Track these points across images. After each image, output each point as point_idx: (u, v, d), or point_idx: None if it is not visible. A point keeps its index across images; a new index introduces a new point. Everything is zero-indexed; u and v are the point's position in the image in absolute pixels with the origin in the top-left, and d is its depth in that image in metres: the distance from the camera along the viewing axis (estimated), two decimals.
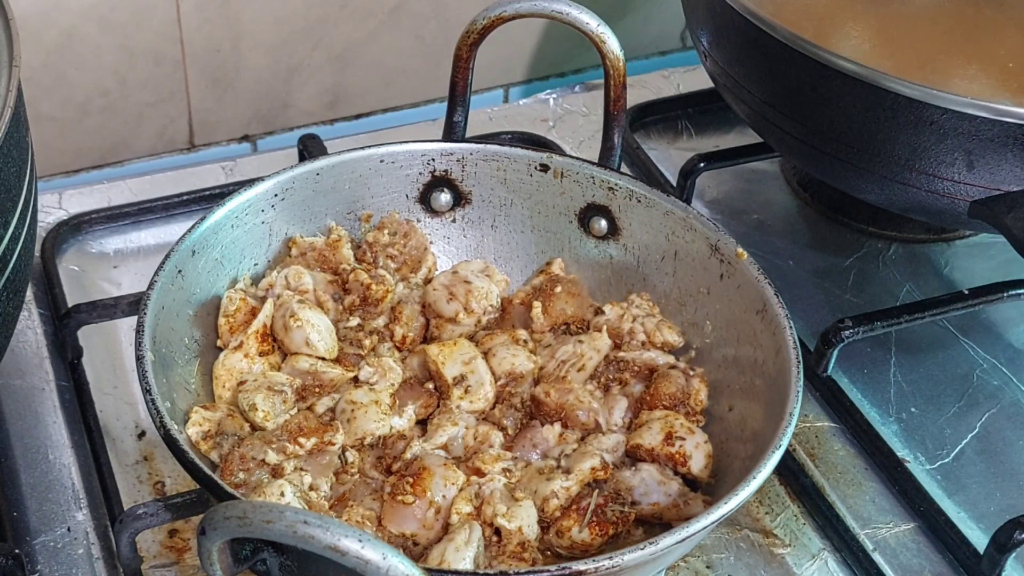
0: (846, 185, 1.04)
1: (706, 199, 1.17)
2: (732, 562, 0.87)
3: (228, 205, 0.88)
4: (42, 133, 1.16)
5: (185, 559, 0.84)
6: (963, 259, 1.12)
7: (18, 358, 0.97)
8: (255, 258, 0.91)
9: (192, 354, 0.85)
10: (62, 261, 1.05)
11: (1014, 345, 1.05)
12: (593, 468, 0.81)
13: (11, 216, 0.77)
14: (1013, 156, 0.91)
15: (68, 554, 0.84)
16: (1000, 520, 0.85)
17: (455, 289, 0.92)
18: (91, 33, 1.14)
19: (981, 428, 0.98)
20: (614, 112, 0.95)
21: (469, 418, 0.85)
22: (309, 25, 1.22)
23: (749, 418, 0.83)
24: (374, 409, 0.83)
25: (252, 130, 1.26)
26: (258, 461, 0.79)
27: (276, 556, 0.66)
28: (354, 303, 0.91)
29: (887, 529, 0.90)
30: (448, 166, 0.96)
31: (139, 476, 0.90)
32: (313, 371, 0.86)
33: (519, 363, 0.88)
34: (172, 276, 0.84)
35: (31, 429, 0.92)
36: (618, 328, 0.91)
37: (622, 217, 0.94)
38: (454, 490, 0.79)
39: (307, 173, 0.92)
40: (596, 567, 0.68)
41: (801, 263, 1.11)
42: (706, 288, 0.90)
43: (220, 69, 1.21)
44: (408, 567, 0.60)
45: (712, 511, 0.71)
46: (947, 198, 0.95)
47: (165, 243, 0.99)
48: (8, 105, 0.75)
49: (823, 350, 0.97)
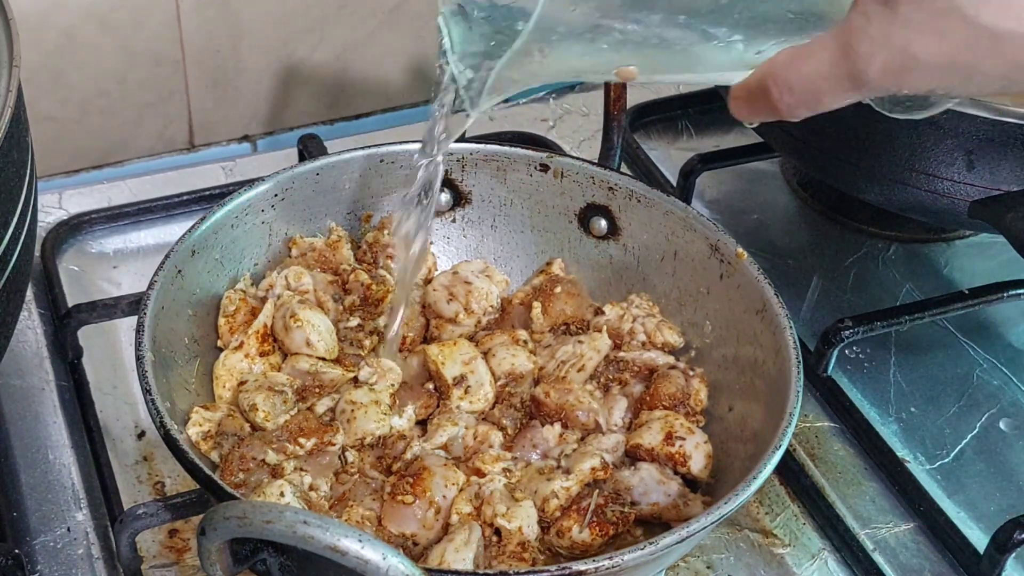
0: (846, 185, 1.04)
1: (706, 199, 1.17)
2: (732, 562, 0.87)
3: (228, 205, 0.88)
4: (42, 133, 1.16)
5: (185, 559, 0.84)
6: (963, 259, 1.12)
7: (18, 358, 0.97)
8: (255, 258, 0.91)
9: (192, 354, 0.85)
10: (62, 261, 1.05)
11: (1014, 345, 1.05)
12: (593, 468, 0.81)
13: (11, 216, 0.77)
14: (1013, 156, 0.91)
15: (68, 554, 0.84)
16: (1000, 520, 0.85)
17: (455, 289, 0.92)
18: (91, 33, 1.14)
19: (981, 428, 0.98)
20: (614, 112, 0.95)
21: (469, 418, 0.85)
22: (309, 25, 1.22)
23: (749, 418, 0.83)
24: (374, 409, 0.83)
25: (252, 130, 1.26)
26: (258, 461, 0.79)
27: (276, 556, 0.66)
28: (354, 303, 0.91)
29: (887, 529, 0.90)
30: (448, 166, 0.96)
31: (139, 476, 0.90)
32: (313, 371, 0.86)
33: (519, 363, 0.88)
34: (172, 276, 0.84)
35: (31, 429, 0.92)
36: (618, 328, 0.91)
37: (622, 217, 0.94)
38: (454, 490, 0.79)
39: (307, 173, 0.92)
40: (596, 567, 0.67)
41: (801, 263, 1.11)
42: (706, 288, 0.90)
43: (220, 69, 1.21)
44: (408, 567, 0.60)
45: (712, 511, 0.71)
46: (947, 198, 0.95)
47: (165, 243, 0.99)
48: (8, 105, 0.75)
49: (823, 350, 0.97)
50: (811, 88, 0.64)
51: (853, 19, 0.62)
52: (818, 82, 0.64)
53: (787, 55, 0.65)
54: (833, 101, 0.64)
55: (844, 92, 0.64)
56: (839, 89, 0.63)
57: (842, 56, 0.62)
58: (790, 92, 0.65)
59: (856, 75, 0.62)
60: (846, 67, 0.62)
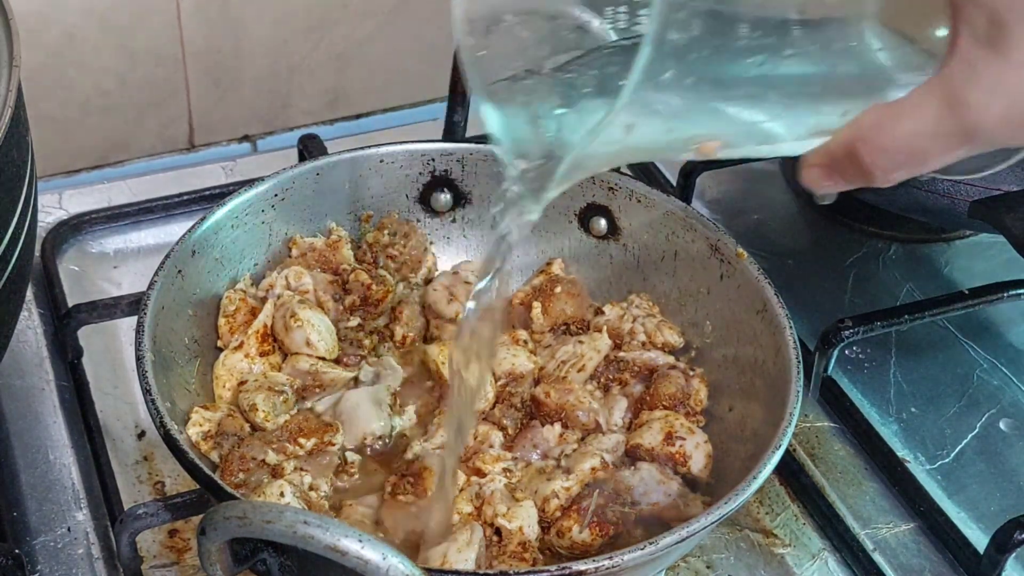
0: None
1: (706, 199, 1.17)
2: (732, 562, 0.87)
3: (228, 205, 0.89)
4: (42, 133, 1.16)
5: (185, 559, 0.84)
6: (963, 259, 1.12)
7: (18, 358, 0.97)
8: (255, 258, 0.91)
9: (192, 354, 0.85)
10: (62, 261, 1.05)
11: (1014, 345, 1.05)
12: (593, 468, 0.81)
13: (11, 216, 0.77)
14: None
15: (68, 554, 0.84)
16: (1000, 520, 0.84)
17: (455, 289, 0.92)
18: (91, 33, 1.14)
19: (981, 428, 0.98)
20: None
21: None
22: (309, 25, 1.22)
23: (749, 418, 0.83)
24: (374, 409, 0.83)
25: (252, 130, 1.26)
26: (258, 461, 0.79)
27: (276, 556, 0.66)
28: (354, 303, 0.91)
29: (887, 529, 0.90)
30: (448, 166, 0.96)
31: (139, 476, 0.90)
32: (313, 371, 0.86)
33: (519, 363, 0.88)
34: (172, 276, 0.84)
35: (31, 429, 0.92)
36: (618, 328, 0.91)
37: (622, 217, 0.94)
38: (454, 490, 0.79)
39: (307, 173, 0.92)
40: (596, 567, 0.67)
41: (801, 263, 1.11)
42: (706, 288, 0.90)
43: (220, 69, 1.21)
44: (408, 567, 0.60)
45: (712, 511, 0.71)
46: (947, 198, 0.95)
47: (165, 243, 0.99)
48: (8, 105, 0.75)
49: (823, 350, 0.97)
50: (912, 149, 0.59)
51: (955, 68, 0.57)
52: (921, 141, 0.58)
53: (877, 114, 0.60)
54: (940, 160, 0.59)
55: (954, 149, 0.58)
56: (948, 146, 0.58)
57: (948, 110, 0.57)
58: (885, 155, 0.59)
59: (969, 129, 0.57)
60: (954, 122, 0.57)
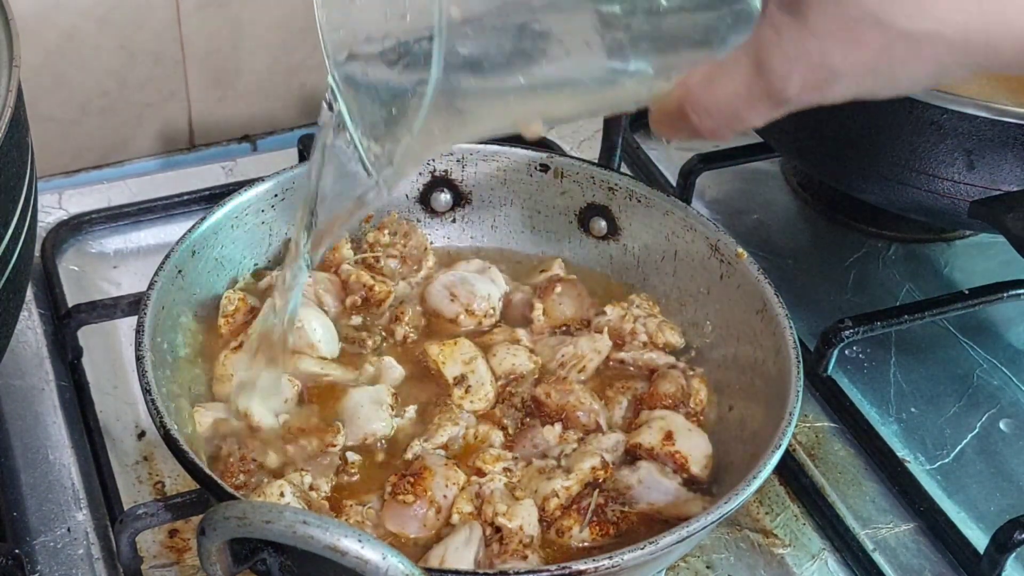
0: (846, 185, 1.04)
1: (706, 199, 1.17)
2: (732, 562, 0.87)
3: (228, 205, 0.89)
4: (42, 133, 1.16)
5: (185, 559, 0.84)
6: (963, 259, 1.12)
7: (18, 358, 0.97)
8: (255, 258, 0.91)
9: (192, 354, 0.85)
10: (62, 261, 1.05)
11: (1014, 345, 1.05)
12: (593, 468, 0.81)
13: (11, 216, 0.77)
14: (1013, 156, 0.91)
15: (68, 554, 0.84)
16: (1000, 520, 0.85)
17: (456, 289, 0.92)
18: (91, 33, 1.14)
19: (981, 428, 0.98)
20: None
21: (469, 418, 0.85)
22: (309, 25, 1.22)
23: (749, 418, 0.83)
24: (375, 409, 0.83)
25: (252, 130, 1.26)
26: (258, 462, 0.79)
27: (276, 556, 0.66)
28: (355, 303, 0.91)
29: (887, 529, 0.90)
30: (448, 166, 0.96)
31: (139, 476, 0.90)
32: (314, 371, 0.86)
33: (519, 363, 0.88)
34: (172, 276, 0.84)
35: (31, 429, 0.92)
36: (619, 328, 0.91)
37: (622, 217, 0.94)
38: (455, 490, 0.79)
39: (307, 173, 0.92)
40: (596, 567, 0.68)
41: (801, 263, 1.11)
42: (706, 288, 0.90)
43: (220, 69, 1.21)
44: (408, 567, 0.60)
45: (712, 511, 0.71)
46: (947, 198, 0.95)
47: (165, 243, 0.99)
48: (8, 105, 0.75)
49: (823, 350, 0.97)
50: (730, 111, 0.60)
51: (763, 32, 0.58)
52: (736, 103, 0.60)
53: (701, 76, 0.61)
54: (755, 121, 0.60)
55: (765, 111, 0.60)
56: (759, 109, 0.59)
57: (757, 75, 0.58)
58: (709, 116, 0.61)
59: (775, 94, 0.58)
60: (763, 86, 0.58)
